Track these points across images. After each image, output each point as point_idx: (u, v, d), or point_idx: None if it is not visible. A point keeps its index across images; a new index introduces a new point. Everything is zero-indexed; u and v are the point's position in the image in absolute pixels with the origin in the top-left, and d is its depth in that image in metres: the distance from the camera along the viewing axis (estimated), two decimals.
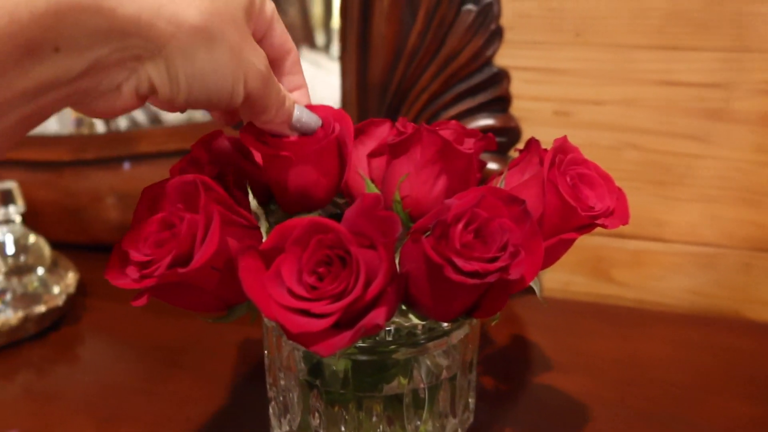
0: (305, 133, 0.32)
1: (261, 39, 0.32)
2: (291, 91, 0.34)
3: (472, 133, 0.37)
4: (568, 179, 0.32)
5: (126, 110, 0.26)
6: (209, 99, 0.26)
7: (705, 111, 0.59)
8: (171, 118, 0.70)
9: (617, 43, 0.59)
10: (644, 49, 0.59)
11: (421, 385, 0.34)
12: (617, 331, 0.58)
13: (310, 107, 0.34)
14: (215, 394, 0.47)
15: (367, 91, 0.57)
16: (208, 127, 0.36)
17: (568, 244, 0.32)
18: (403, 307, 0.30)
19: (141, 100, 0.26)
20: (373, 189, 0.37)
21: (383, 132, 0.39)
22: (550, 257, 0.33)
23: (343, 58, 0.57)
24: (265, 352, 0.36)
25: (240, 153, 0.35)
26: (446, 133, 0.35)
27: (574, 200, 0.31)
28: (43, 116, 0.24)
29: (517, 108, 0.63)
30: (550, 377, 0.50)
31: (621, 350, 0.54)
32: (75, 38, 0.22)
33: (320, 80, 0.67)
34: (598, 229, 0.33)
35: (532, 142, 0.36)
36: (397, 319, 0.30)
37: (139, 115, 1.06)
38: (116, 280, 0.28)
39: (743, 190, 0.60)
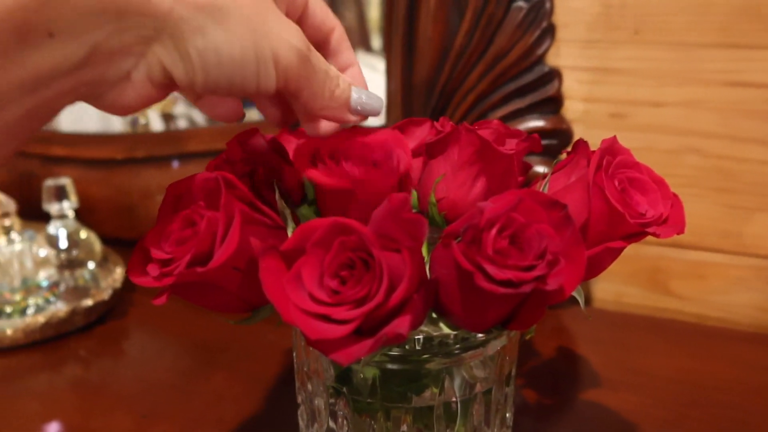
0: (368, 115, 0.30)
1: (298, 19, 0.29)
2: (341, 71, 0.31)
3: (516, 133, 0.35)
4: (616, 183, 0.29)
5: (144, 102, 0.25)
6: (231, 80, 0.24)
7: None
8: None
9: (679, 41, 0.56)
10: (708, 48, 0.55)
11: (454, 399, 0.32)
12: (674, 347, 0.54)
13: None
14: (249, 395, 0.47)
15: (412, 93, 0.56)
16: (260, 127, 0.35)
17: (615, 253, 0.30)
18: (434, 316, 0.29)
19: (159, 89, 0.25)
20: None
21: (423, 132, 0.37)
22: (595, 267, 0.30)
23: (389, 60, 0.56)
24: (294, 354, 0.36)
25: (275, 152, 0.35)
26: (486, 133, 0.33)
27: (622, 206, 0.28)
28: (51, 111, 0.23)
29: (570, 110, 0.60)
30: (599, 394, 0.47)
31: (678, 368, 0.51)
32: (68, 21, 0.21)
33: (376, 84, 0.66)
34: (655, 239, 0.30)
35: (580, 144, 0.34)
36: (425, 328, 0.29)
37: (198, 116, 1.07)
38: (137, 277, 0.27)
39: None
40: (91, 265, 0.63)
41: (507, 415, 0.37)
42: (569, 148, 0.35)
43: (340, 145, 0.30)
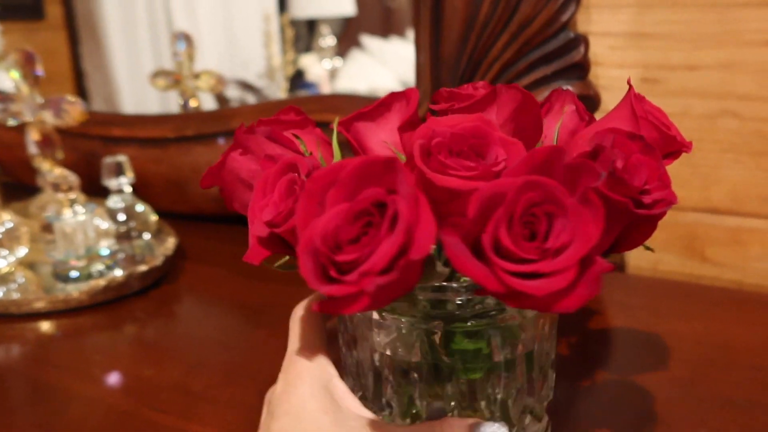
0: None
1: None
2: None
3: None
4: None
5: None
6: None
7: None
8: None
9: (715, 2, 0.55)
10: (747, 7, 0.54)
11: (497, 359, 0.33)
12: (708, 312, 0.54)
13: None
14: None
15: (441, 64, 0.57)
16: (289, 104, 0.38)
17: None
18: None
19: None
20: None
21: (402, 106, 0.38)
22: None
23: (417, 32, 0.58)
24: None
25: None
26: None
27: (668, 130, 0.31)
28: None
29: (601, 76, 0.60)
30: (621, 353, 0.48)
31: (708, 332, 0.51)
32: None
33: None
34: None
35: (560, 92, 0.35)
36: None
37: (249, 97, 1.12)
38: (325, 288, 0.24)
39: None
40: (146, 236, 0.68)
41: (550, 374, 0.37)
42: (599, 116, 0.36)
43: (443, 140, 0.29)
